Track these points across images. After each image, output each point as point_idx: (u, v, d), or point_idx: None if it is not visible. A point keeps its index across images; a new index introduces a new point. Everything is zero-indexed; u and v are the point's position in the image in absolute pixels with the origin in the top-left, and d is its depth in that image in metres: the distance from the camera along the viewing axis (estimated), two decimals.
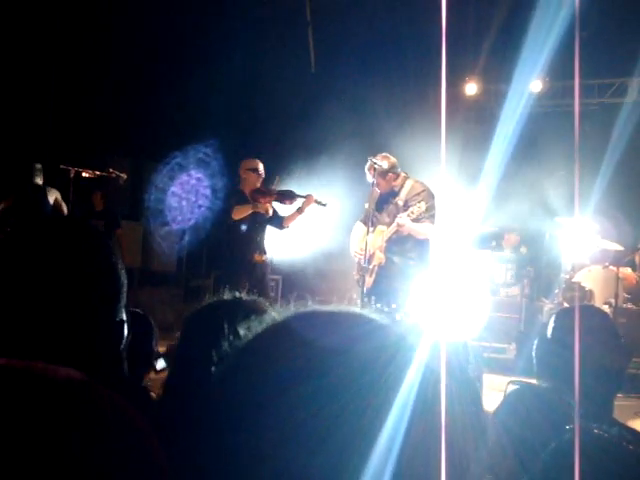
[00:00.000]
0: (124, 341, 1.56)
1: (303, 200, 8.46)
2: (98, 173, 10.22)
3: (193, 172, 12.99)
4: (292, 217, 8.55)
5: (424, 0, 9.22)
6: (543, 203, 10.72)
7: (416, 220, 7.23)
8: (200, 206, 11.79)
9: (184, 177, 12.89)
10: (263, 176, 8.64)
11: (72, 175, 9.83)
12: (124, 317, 1.55)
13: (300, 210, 8.47)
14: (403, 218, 7.19)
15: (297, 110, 12.35)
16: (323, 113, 11.37)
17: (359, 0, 11.70)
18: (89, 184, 10.58)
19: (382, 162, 7.44)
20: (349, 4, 11.78)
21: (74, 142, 11.67)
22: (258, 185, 8.57)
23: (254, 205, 8.35)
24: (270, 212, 8.44)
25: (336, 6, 12.11)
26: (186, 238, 12.72)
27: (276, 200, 8.54)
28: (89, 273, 1.48)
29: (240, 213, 8.34)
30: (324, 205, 8.53)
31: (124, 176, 10.42)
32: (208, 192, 12.20)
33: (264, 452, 0.80)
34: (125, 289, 1.55)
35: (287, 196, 8.52)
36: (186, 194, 12.21)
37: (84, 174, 10.07)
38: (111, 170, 10.34)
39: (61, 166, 10.13)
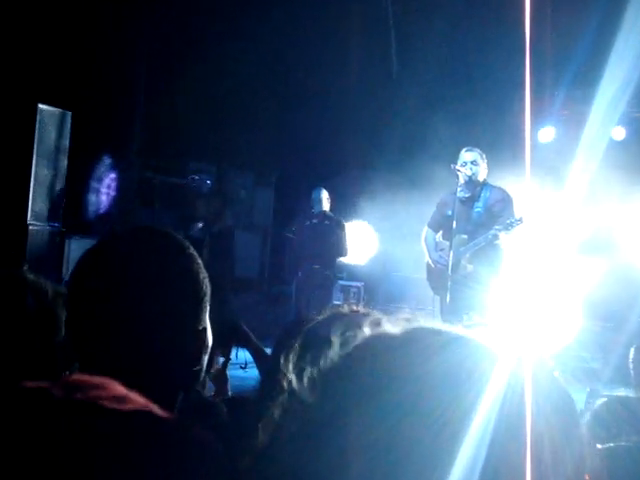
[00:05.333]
0: (208, 349, 1.57)
1: None
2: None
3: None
4: None
5: (510, 3, 9.05)
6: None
7: (506, 230, 7.14)
8: None
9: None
10: None
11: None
12: (207, 325, 1.56)
13: None
14: (501, 232, 7.09)
15: (379, 115, 12.33)
16: (404, 119, 11.33)
17: (442, 6, 11.61)
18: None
19: (482, 163, 7.38)
20: (432, 10, 11.71)
21: (159, 149, 11.91)
22: None
23: None
24: None
25: (419, 12, 12.05)
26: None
27: None
28: (170, 282, 1.49)
29: None
30: None
31: (208, 183, 10.57)
32: None
33: (346, 460, 0.81)
34: (208, 297, 1.55)
35: None
36: None
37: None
38: (196, 177, 10.50)
39: (146, 174, 10.36)
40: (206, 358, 1.56)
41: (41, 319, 1.91)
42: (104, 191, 11.27)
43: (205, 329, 1.55)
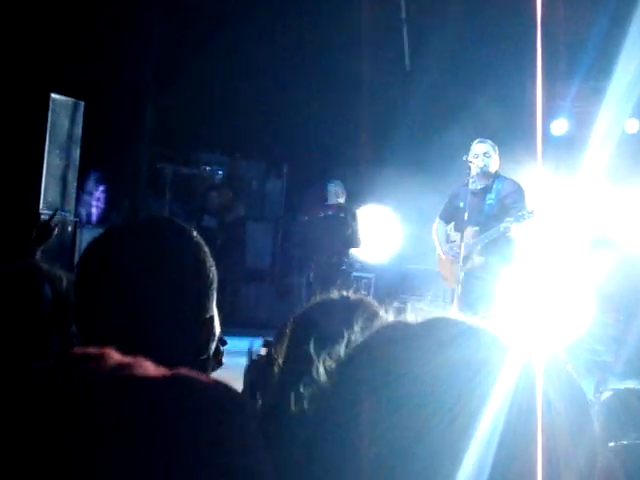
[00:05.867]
0: (215, 338, 1.57)
1: None
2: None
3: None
4: None
5: None
6: None
7: (518, 222, 7.12)
8: None
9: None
10: None
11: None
12: (214, 313, 1.55)
13: None
14: (513, 224, 7.07)
15: (391, 107, 12.31)
16: (416, 110, 11.31)
17: None
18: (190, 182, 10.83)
19: (494, 155, 7.35)
20: (444, 2, 11.67)
21: (171, 140, 11.92)
22: None
23: None
24: None
25: (431, 4, 12.01)
26: None
27: None
28: (176, 270, 1.49)
29: None
30: None
31: (220, 173, 10.60)
32: None
33: (355, 451, 0.81)
34: (215, 286, 1.55)
35: None
36: None
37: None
38: (207, 167, 10.53)
39: (158, 165, 10.35)
40: (213, 346, 1.56)
41: (57, 309, 1.92)
42: (94, 204, 11.42)
43: (212, 317, 1.54)
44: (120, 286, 1.44)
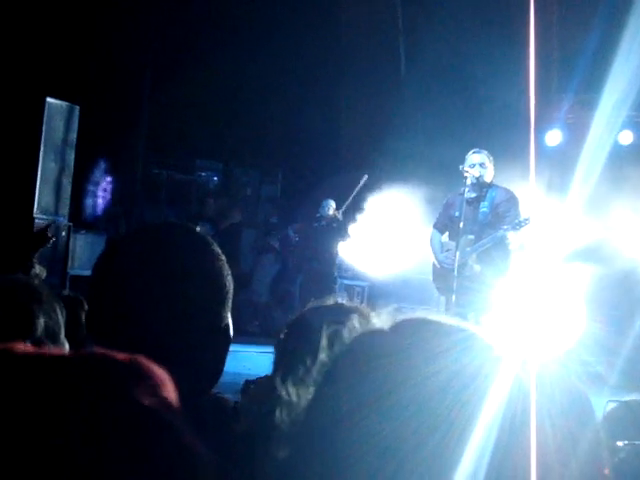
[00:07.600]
0: (229, 346, 1.56)
1: None
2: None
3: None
4: None
5: (516, 10, 9.01)
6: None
7: (514, 229, 7.12)
8: None
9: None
10: None
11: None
12: (229, 322, 1.54)
13: None
14: (509, 232, 7.07)
15: (386, 115, 12.32)
16: (411, 118, 11.33)
17: (450, 12, 11.61)
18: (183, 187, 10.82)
19: (490, 165, 7.36)
20: (440, 16, 11.71)
21: (166, 147, 11.91)
22: None
23: None
24: None
25: (427, 19, 12.05)
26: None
27: None
28: (194, 278, 1.47)
29: None
30: None
31: (215, 179, 10.60)
32: None
33: (354, 457, 0.81)
34: (231, 294, 1.53)
35: None
36: None
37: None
38: (202, 174, 10.54)
39: (153, 171, 10.33)
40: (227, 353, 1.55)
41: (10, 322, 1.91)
42: (100, 194, 11.35)
43: (228, 326, 1.53)
44: (137, 294, 1.42)
